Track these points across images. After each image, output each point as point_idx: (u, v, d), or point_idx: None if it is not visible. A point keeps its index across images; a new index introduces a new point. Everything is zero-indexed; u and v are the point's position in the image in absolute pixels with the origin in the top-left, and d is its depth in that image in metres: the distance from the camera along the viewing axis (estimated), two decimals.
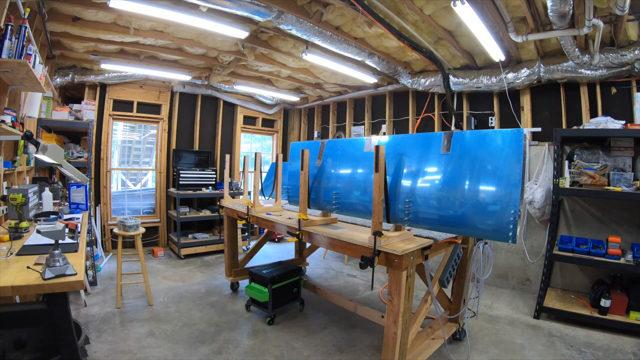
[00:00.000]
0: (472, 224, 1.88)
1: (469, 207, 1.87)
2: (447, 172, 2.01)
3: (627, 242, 3.12)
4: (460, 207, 1.91)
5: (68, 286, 1.40)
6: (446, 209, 1.96)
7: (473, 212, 1.86)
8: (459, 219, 1.92)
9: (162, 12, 2.88)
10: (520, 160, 1.76)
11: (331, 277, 4.41)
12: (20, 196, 2.18)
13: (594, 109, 3.57)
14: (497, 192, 1.80)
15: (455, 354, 2.57)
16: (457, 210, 1.92)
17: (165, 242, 5.52)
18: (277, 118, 6.95)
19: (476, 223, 1.86)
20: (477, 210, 1.85)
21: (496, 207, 1.79)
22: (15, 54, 2.01)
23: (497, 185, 1.81)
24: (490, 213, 1.81)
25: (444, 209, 1.97)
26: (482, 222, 1.84)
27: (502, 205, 1.77)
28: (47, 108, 3.74)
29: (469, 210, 1.87)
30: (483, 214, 1.83)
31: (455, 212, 1.92)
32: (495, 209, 1.79)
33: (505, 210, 1.76)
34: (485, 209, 1.82)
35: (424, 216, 2.04)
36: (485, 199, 1.84)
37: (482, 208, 1.83)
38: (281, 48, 4.08)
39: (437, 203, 1.99)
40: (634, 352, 2.63)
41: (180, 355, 2.48)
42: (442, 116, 4.81)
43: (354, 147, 2.66)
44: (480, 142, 1.96)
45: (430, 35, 3.55)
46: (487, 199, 1.83)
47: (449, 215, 1.95)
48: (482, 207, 1.84)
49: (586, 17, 2.54)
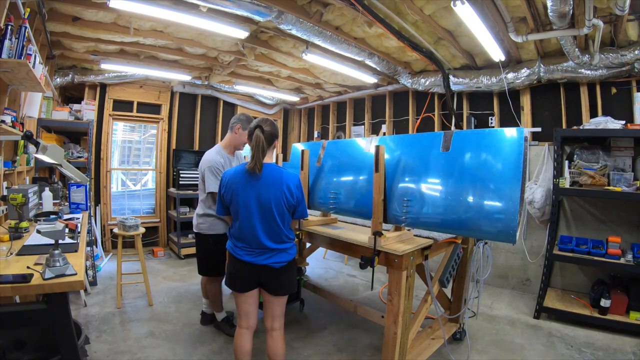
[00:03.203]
0: (471, 224, 1.86)
1: (467, 207, 1.86)
2: (445, 172, 2.00)
3: (627, 242, 3.12)
4: (458, 206, 1.89)
5: (68, 286, 1.40)
6: (444, 209, 1.94)
7: (472, 212, 1.85)
8: (456, 219, 1.90)
9: (162, 12, 2.88)
10: (521, 159, 1.75)
11: (331, 277, 4.41)
12: (20, 196, 2.18)
13: (594, 109, 3.57)
14: (495, 192, 1.79)
15: (455, 354, 2.57)
16: (455, 210, 1.90)
17: (165, 242, 5.52)
18: (277, 118, 6.95)
19: (475, 224, 1.85)
20: (476, 210, 1.84)
21: (494, 206, 1.78)
22: (15, 54, 2.01)
23: (495, 185, 1.80)
24: (488, 212, 1.80)
25: (442, 208, 1.96)
26: (481, 222, 1.83)
27: (501, 205, 1.76)
28: (47, 108, 3.74)
29: (468, 210, 1.86)
30: (481, 214, 1.82)
31: (453, 212, 1.91)
32: (494, 209, 1.78)
33: (504, 210, 1.75)
34: (483, 209, 1.81)
35: (421, 217, 2.03)
36: (483, 198, 1.83)
37: (481, 207, 1.82)
38: (281, 48, 4.08)
39: (435, 203, 1.98)
40: (634, 352, 2.63)
41: (180, 355, 2.48)
42: (442, 116, 4.81)
43: (353, 147, 2.66)
44: (480, 141, 1.95)
45: (430, 35, 3.55)
46: (485, 198, 1.82)
47: (447, 214, 1.94)
48: (481, 206, 1.82)
49: (586, 17, 2.54)
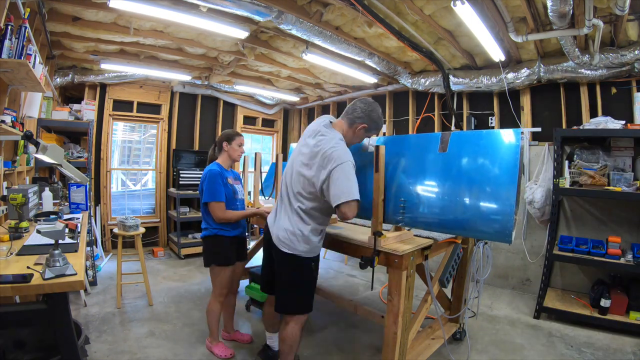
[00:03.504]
0: (468, 224, 1.86)
1: (464, 208, 1.85)
2: (441, 173, 2.00)
3: (627, 242, 3.12)
4: (455, 207, 1.88)
5: (68, 286, 1.40)
6: (441, 209, 1.93)
7: (469, 213, 1.84)
8: (453, 220, 1.90)
9: (162, 12, 2.88)
10: (517, 160, 1.75)
11: (331, 277, 4.41)
12: (20, 196, 2.18)
13: (594, 109, 3.57)
14: (492, 191, 1.78)
15: (455, 354, 2.57)
16: (452, 210, 1.89)
17: (165, 242, 5.52)
18: (277, 118, 6.95)
19: (472, 223, 1.84)
20: (472, 212, 1.83)
21: (491, 206, 1.78)
22: (15, 54, 2.01)
23: (491, 187, 1.79)
24: (484, 213, 1.79)
25: (439, 209, 1.95)
26: (477, 223, 1.82)
27: (497, 204, 1.76)
28: (47, 108, 3.74)
29: (465, 210, 1.85)
30: (478, 215, 1.82)
31: (450, 212, 1.90)
32: (490, 210, 1.78)
33: (500, 211, 1.74)
34: (480, 209, 1.80)
35: (419, 217, 2.02)
36: (480, 198, 1.82)
37: (477, 208, 1.82)
38: (281, 48, 4.08)
39: (432, 203, 1.98)
40: (634, 352, 2.63)
41: (180, 355, 2.48)
42: (442, 116, 4.81)
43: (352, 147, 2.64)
44: (477, 143, 1.94)
45: (430, 35, 3.55)
46: (482, 198, 1.81)
47: (443, 214, 1.93)
48: (477, 206, 1.82)
49: (586, 17, 2.54)
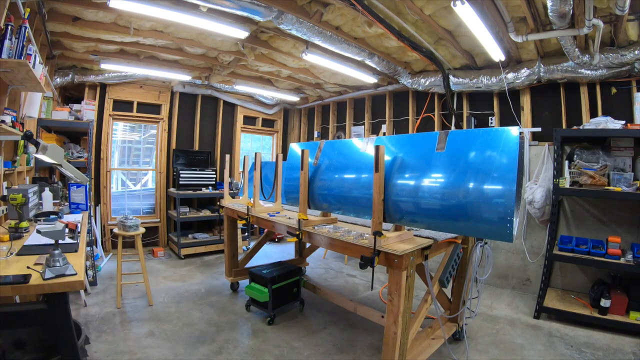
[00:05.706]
0: (467, 223, 1.86)
1: (463, 205, 1.85)
2: (441, 171, 2.00)
3: (627, 242, 3.12)
4: (454, 205, 1.88)
5: (68, 286, 1.40)
6: (440, 207, 1.93)
7: (468, 211, 1.84)
8: (451, 218, 1.90)
9: (162, 12, 2.89)
10: (516, 157, 1.75)
11: (331, 277, 4.41)
12: (20, 196, 2.18)
13: (594, 109, 3.57)
14: (492, 190, 1.78)
15: (455, 354, 2.57)
16: (451, 207, 1.89)
17: (165, 242, 5.52)
18: (277, 118, 6.95)
19: (471, 222, 1.84)
20: (472, 210, 1.83)
21: (490, 204, 1.77)
22: (15, 54, 2.01)
23: (491, 183, 1.79)
24: (484, 211, 1.79)
25: (438, 205, 1.94)
26: (477, 220, 1.82)
27: (497, 203, 1.75)
28: (47, 108, 3.74)
29: (463, 208, 1.85)
30: (476, 213, 1.82)
31: (449, 210, 1.90)
32: (490, 207, 1.78)
33: (501, 209, 1.74)
34: (479, 207, 1.80)
35: (418, 214, 2.03)
36: (479, 197, 1.81)
37: (476, 206, 1.81)
38: (281, 48, 4.08)
39: (431, 202, 1.97)
40: (634, 352, 2.63)
41: (180, 355, 2.48)
42: (442, 116, 4.81)
43: (349, 147, 2.65)
44: (474, 141, 1.94)
45: (430, 35, 3.55)
46: (481, 197, 1.81)
47: (441, 213, 1.93)
48: (476, 205, 1.81)
49: (586, 17, 2.54)
